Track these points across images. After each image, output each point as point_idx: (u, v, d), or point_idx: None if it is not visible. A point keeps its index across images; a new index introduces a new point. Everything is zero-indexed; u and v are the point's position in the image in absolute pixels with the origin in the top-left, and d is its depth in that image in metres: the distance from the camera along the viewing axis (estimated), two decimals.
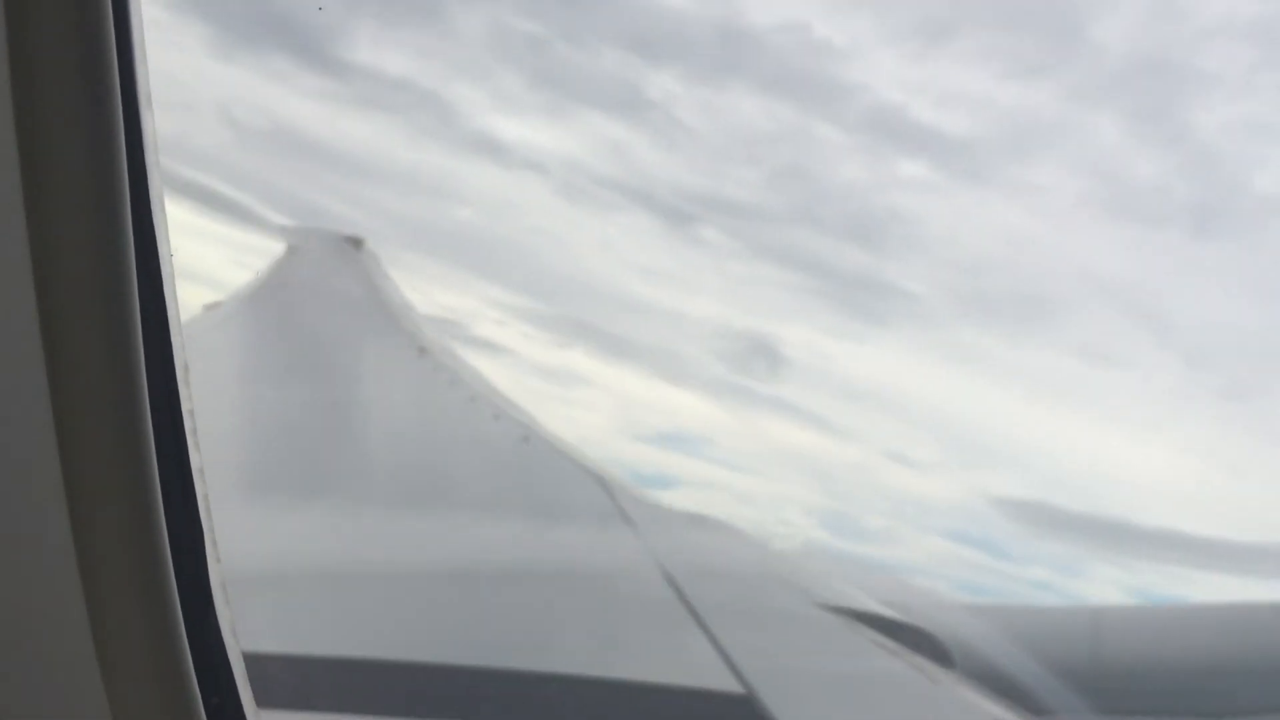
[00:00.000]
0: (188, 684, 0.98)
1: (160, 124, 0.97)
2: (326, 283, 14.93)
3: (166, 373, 0.96)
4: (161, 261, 0.93)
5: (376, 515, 5.55)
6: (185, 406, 0.97)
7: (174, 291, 0.96)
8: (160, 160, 0.91)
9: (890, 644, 4.28)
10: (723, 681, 3.32)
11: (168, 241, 0.94)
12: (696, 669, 3.47)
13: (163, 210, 0.93)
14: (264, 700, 2.68)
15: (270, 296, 13.36)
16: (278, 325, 12.15)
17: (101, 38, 0.85)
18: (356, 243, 16.95)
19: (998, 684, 4.99)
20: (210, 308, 11.98)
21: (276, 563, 4.27)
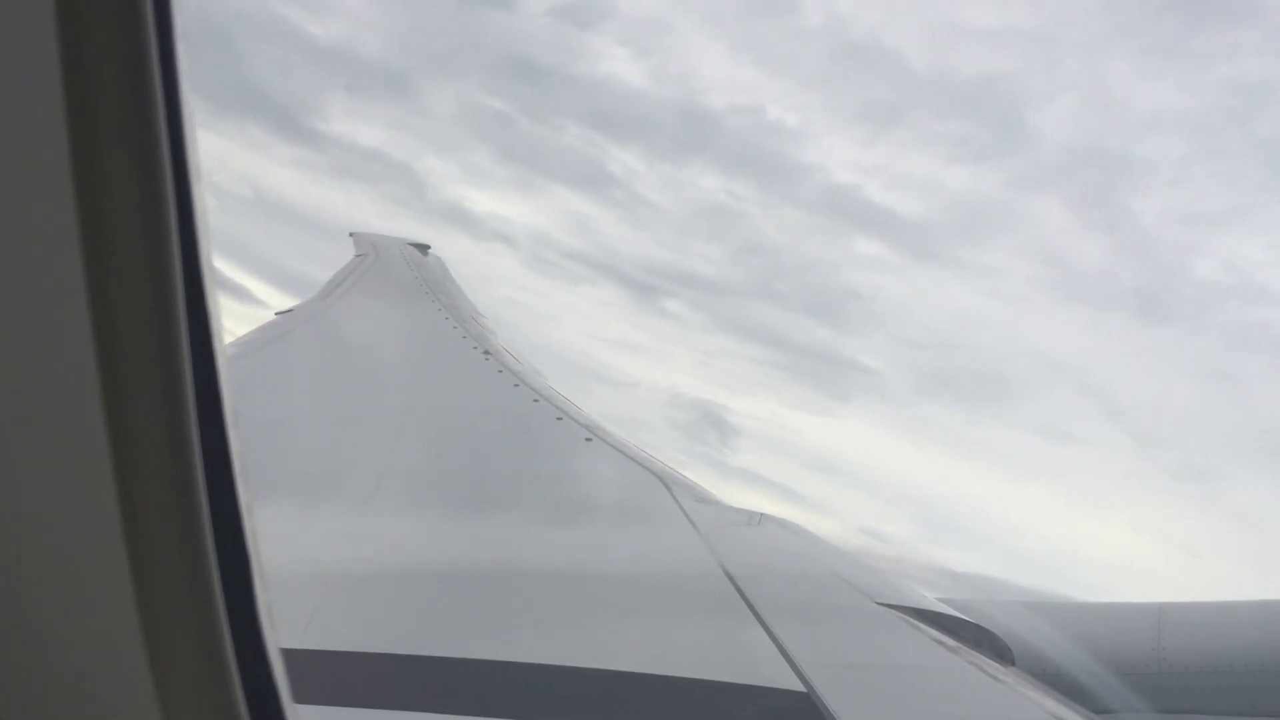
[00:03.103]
0: (231, 688, 1.08)
1: None
2: (394, 286, 15.18)
3: (218, 423, 1.05)
4: (211, 318, 1.03)
5: (439, 513, 5.67)
6: (234, 449, 1.07)
7: (224, 350, 1.05)
8: (210, 226, 1.00)
9: (951, 641, 4.26)
10: (783, 679, 3.34)
11: (216, 298, 1.03)
12: (757, 666, 3.49)
13: (211, 268, 1.02)
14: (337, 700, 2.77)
15: (340, 300, 13.65)
16: (347, 327, 12.42)
17: (154, 119, 0.94)
18: (423, 249, 17.19)
19: (1059, 682, 4.96)
20: (282, 313, 12.29)
21: (334, 560, 4.38)
